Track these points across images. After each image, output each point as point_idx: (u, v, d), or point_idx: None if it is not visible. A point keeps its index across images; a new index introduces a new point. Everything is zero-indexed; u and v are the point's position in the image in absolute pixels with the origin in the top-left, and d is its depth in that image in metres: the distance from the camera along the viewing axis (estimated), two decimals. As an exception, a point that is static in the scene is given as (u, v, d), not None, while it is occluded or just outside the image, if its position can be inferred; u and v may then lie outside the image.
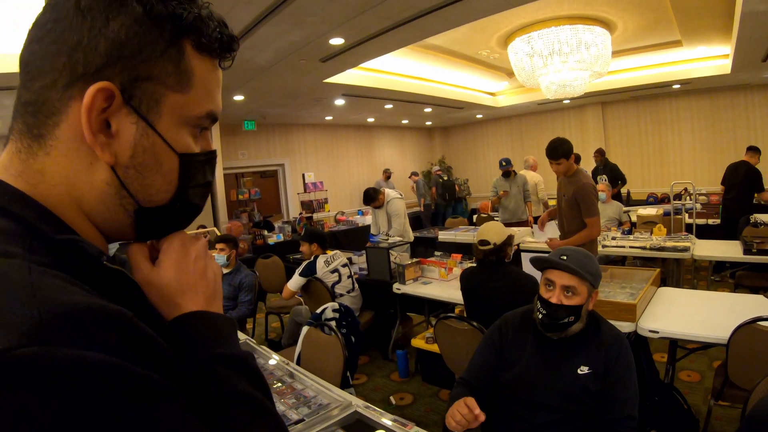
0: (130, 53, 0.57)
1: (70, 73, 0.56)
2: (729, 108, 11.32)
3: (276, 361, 2.79)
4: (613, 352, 2.05)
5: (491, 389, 2.24)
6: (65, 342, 0.42)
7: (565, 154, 4.41)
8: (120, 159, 0.59)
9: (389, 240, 5.88)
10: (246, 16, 4.80)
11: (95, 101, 0.56)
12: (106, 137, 0.58)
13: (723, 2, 6.28)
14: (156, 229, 0.69)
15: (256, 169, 12.71)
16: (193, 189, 0.68)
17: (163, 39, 0.59)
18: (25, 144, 0.59)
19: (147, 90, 0.59)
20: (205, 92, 0.66)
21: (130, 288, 0.60)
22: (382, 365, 5.00)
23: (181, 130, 0.64)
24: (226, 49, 0.67)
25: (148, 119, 0.60)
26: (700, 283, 6.45)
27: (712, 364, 4.18)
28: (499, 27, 7.43)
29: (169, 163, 0.64)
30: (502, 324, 2.34)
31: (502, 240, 3.33)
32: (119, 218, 0.63)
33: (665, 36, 8.32)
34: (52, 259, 0.51)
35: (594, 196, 4.37)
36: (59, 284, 0.48)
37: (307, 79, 7.78)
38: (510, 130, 15.38)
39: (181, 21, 0.61)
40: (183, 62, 0.62)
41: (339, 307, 3.61)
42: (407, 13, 5.18)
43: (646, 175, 12.66)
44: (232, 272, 4.91)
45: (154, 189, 0.63)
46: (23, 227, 0.53)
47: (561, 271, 2.09)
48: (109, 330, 0.46)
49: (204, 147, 0.69)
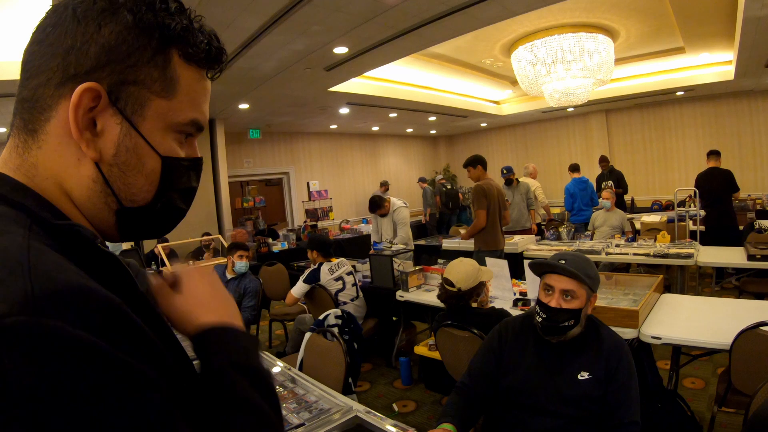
0: (118, 58, 0.61)
1: (62, 73, 0.60)
2: (733, 114, 11.31)
3: (279, 367, 2.80)
4: (614, 358, 2.05)
5: (490, 394, 2.25)
6: (53, 315, 0.45)
7: (471, 164, 5.79)
8: (104, 156, 0.63)
9: (393, 248, 5.89)
10: (251, 24, 4.84)
11: (82, 100, 0.59)
12: (92, 135, 0.62)
13: (725, 8, 6.29)
14: (138, 230, 0.71)
15: (261, 177, 12.75)
16: (175, 192, 0.70)
17: (150, 46, 0.63)
18: (22, 139, 0.63)
19: (132, 93, 0.63)
20: (190, 100, 0.69)
21: (122, 273, 0.62)
22: (386, 372, 4.99)
23: (166, 134, 0.67)
24: (214, 60, 0.71)
25: (132, 120, 0.64)
26: (704, 290, 6.43)
27: (716, 370, 4.16)
28: (502, 35, 7.46)
29: (151, 164, 0.66)
30: (502, 329, 2.34)
31: (469, 286, 3.15)
32: (104, 216, 0.66)
33: (668, 43, 8.34)
34: (50, 242, 0.54)
35: (480, 195, 5.53)
36: (55, 262, 0.51)
37: (311, 87, 7.84)
38: (514, 138, 15.41)
39: (168, 30, 0.64)
40: (169, 69, 0.65)
41: (341, 314, 3.62)
42: (410, 23, 5.22)
43: (650, 182, 12.64)
44: (237, 278, 4.93)
45: (135, 188, 0.66)
46: (25, 214, 0.57)
47: (560, 275, 2.09)
48: (96, 312, 0.49)
49: (189, 153, 0.72)
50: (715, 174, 7.13)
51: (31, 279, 0.47)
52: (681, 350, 3.37)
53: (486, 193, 5.50)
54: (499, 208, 5.64)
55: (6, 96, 5.85)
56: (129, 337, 0.51)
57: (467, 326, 3.03)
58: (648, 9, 6.66)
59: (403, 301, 4.83)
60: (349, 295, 4.84)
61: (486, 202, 5.51)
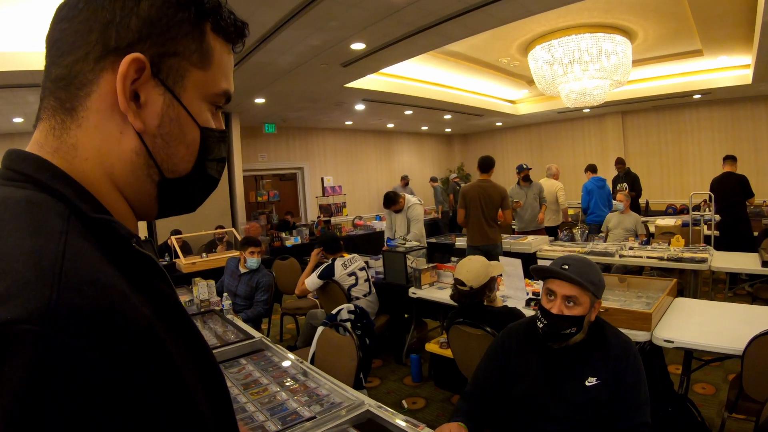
0: (159, 31, 0.63)
1: (102, 47, 0.61)
2: (750, 119, 11.20)
3: (290, 361, 2.82)
4: (621, 361, 2.02)
5: (496, 402, 2.23)
6: (71, 334, 0.44)
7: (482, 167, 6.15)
8: (148, 128, 0.64)
9: (406, 244, 5.90)
10: (268, 19, 4.86)
11: (129, 70, 0.60)
12: (136, 107, 0.63)
13: (744, 12, 6.23)
14: (176, 202, 0.73)
15: (275, 171, 12.82)
16: (210, 162, 0.73)
17: (187, 20, 0.65)
18: (58, 120, 0.62)
19: (173, 65, 0.65)
20: (222, 72, 0.71)
21: (157, 276, 0.62)
22: (396, 369, 5.01)
23: (202, 105, 0.70)
24: (239, 33, 0.74)
25: (174, 91, 0.65)
26: (717, 295, 6.38)
27: (727, 377, 4.15)
28: (520, 34, 7.44)
29: (192, 134, 0.69)
30: (505, 337, 2.32)
31: (481, 283, 3.18)
32: (146, 188, 0.67)
33: (686, 45, 8.27)
34: (87, 236, 0.54)
35: (459, 195, 6.18)
36: (91, 269, 0.50)
37: (327, 83, 7.86)
38: (529, 138, 15.36)
39: (203, 5, 0.67)
40: (204, 42, 0.68)
41: (354, 309, 3.63)
42: (428, 20, 5.22)
43: (665, 185, 12.56)
44: (250, 272, 4.97)
45: (177, 158, 0.68)
46: (64, 204, 0.56)
47: (562, 281, 2.05)
48: (121, 342, 0.47)
49: (217, 125, 0.74)
50: (730, 179, 7.09)
51: (59, 287, 0.45)
52: (693, 355, 3.36)
53: (464, 194, 6.09)
54: (481, 207, 5.92)
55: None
56: (152, 377, 0.50)
57: (480, 324, 3.03)
58: (667, 11, 6.61)
59: (415, 298, 4.84)
60: (362, 291, 4.87)
61: (462, 202, 6.08)
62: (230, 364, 2.88)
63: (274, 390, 2.45)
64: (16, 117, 7.89)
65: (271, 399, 2.34)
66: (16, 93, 6.35)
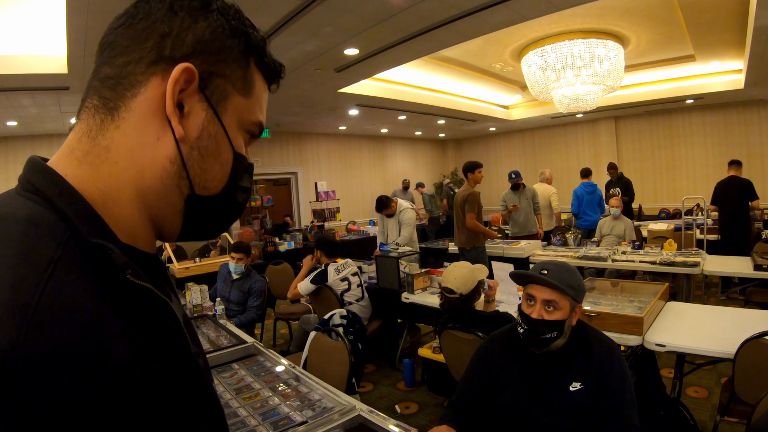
0: (211, 50, 0.66)
1: (157, 53, 0.63)
2: (742, 123, 11.27)
3: (282, 366, 2.82)
4: (605, 365, 2.01)
5: (481, 411, 2.22)
6: (23, 382, 0.42)
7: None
8: (187, 137, 0.65)
9: (399, 249, 5.90)
10: (262, 24, 4.74)
11: (180, 77, 0.62)
12: (180, 115, 0.64)
13: (736, 17, 6.28)
14: (202, 222, 0.72)
15: (269, 176, 12.81)
16: (238, 189, 0.73)
17: (237, 48, 0.68)
18: (98, 120, 0.63)
19: (219, 85, 0.67)
20: (259, 104, 0.74)
21: (156, 307, 0.59)
22: (389, 374, 5.01)
23: (238, 131, 0.71)
24: (278, 74, 0.77)
25: (216, 109, 0.67)
26: (710, 299, 6.41)
27: (719, 380, 4.16)
28: (513, 40, 7.46)
29: (226, 155, 0.69)
30: (488, 346, 2.31)
31: (470, 289, 3.19)
32: (173, 200, 0.67)
33: (678, 50, 8.31)
34: (82, 262, 0.52)
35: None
36: (73, 300, 0.48)
37: (321, 88, 7.86)
38: (523, 143, 15.40)
39: (250, 39, 0.70)
40: (249, 71, 0.71)
41: (347, 314, 3.63)
42: (421, 25, 5.24)
43: (658, 189, 12.62)
44: (242, 278, 4.96)
45: (210, 174, 0.68)
46: (65, 224, 0.54)
47: (541, 286, 2.05)
48: (87, 392, 0.45)
49: (248, 156, 0.75)
50: (733, 183, 7.15)
51: (28, 327, 0.43)
52: (685, 358, 3.37)
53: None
54: (456, 211, 6.30)
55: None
56: (121, 427, 0.48)
57: (471, 329, 3.03)
58: (659, 16, 6.64)
59: (408, 303, 4.84)
60: (354, 296, 4.86)
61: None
62: (223, 369, 2.86)
63: (266, 395, 2.44)
64: (10, 120, 7.87)
65: (263, 404, 2.33)
66: (10, 96, 6.33)
